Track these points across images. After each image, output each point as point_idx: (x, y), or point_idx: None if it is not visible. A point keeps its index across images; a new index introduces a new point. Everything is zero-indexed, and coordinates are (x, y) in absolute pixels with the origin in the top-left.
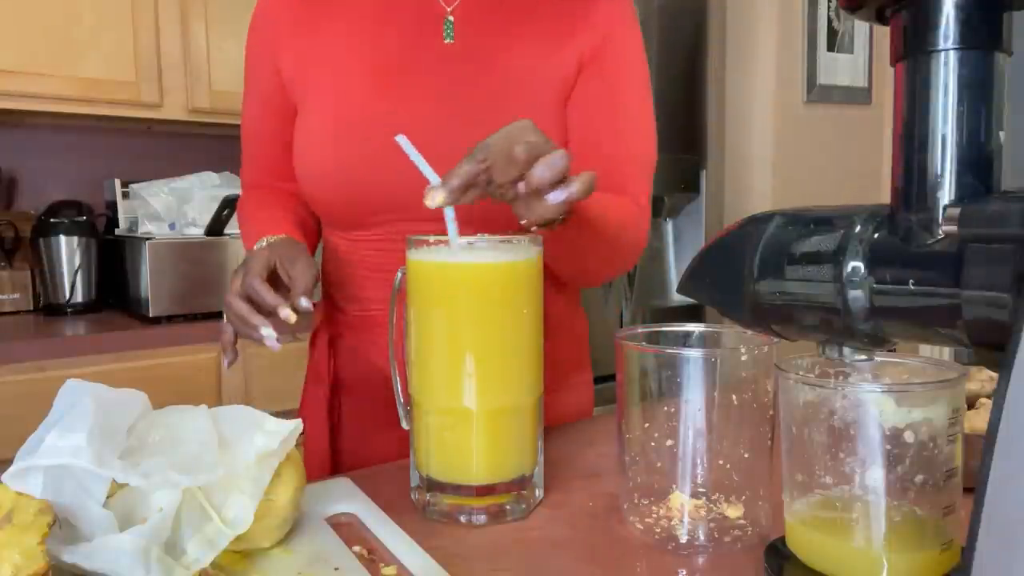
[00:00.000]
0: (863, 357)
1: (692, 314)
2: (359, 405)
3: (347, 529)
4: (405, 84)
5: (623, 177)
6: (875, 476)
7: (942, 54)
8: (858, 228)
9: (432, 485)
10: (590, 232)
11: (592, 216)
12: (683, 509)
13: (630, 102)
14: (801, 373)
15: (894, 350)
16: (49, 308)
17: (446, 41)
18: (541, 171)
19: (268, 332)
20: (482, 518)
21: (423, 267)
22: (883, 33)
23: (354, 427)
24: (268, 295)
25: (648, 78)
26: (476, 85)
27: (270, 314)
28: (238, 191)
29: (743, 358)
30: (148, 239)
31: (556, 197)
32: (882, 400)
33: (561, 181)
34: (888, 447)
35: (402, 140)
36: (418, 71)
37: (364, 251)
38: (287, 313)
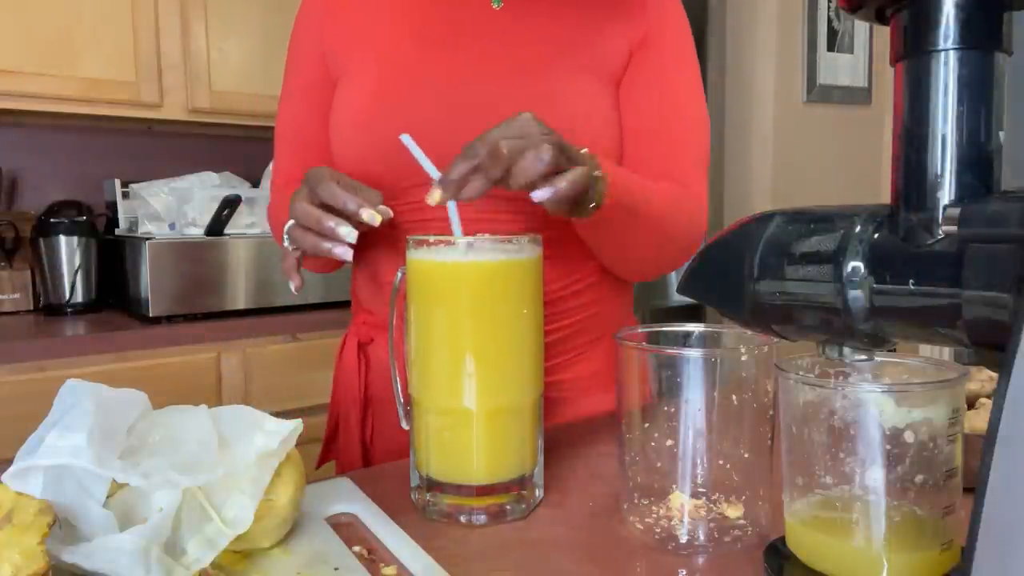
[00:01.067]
0: (863, 357)
1: (692, 314)
2: (393, 420)
3: (347, 529)
4: (452, 46)
5: (674, 164)
6: (875, 476)
7: (942, 54)
8: (858, 228)
9: (432, 485)
10: (632, 219)
11: (633, 202)
12: (683, 509)
13: (680, 90)
14: (801, 373)
15: (894, 350)
16: (49, 308)
17: (494, 6)
18: (522, 168)
19: (348, 230)
20: (482, 518)
21: (423, 266)
22: (883, 33)
23: (387, 442)
24: (348, 197)
25: (698, 69)
26: (522, 50)
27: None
28: (238, 191)
29: (743, 358)
30: (148, 239)
31: (539, 195)
32: (882, 400)
33: (554, 175)
34: (888, 447)
35: (406, 139)
36: (465, 33)
37: (400, 224)
38: (371, 214)
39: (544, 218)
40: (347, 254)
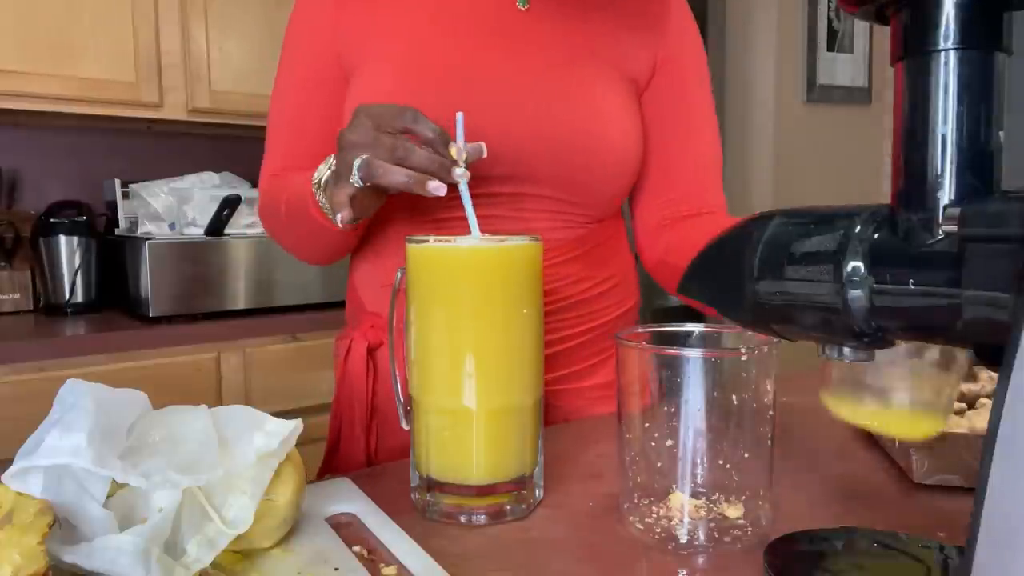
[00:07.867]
0: (863, 357)
1: (692, 314)
2: (397, 430)
3: (347, 529)
4: (478, 40)
5: (704, 185)
6: None
7: (942, 54)
8: (858, 228)
9: (432, 485)
10: None
11: None
12: (683, 509)
13: (705, 112)
14: None
15: None
16: (49, 308)
17: (520, 7)
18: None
19: (462, 171)
20: (482, 518)
21: (422, 259)
22: (883, 33)
23: (390, 452)
24: (446, 150)
25: (710, 86)
26: (549, 49)
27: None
28: (238, 191)
29: (743, 358)
30: (148, 239)
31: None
32: None
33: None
34: None
35: (460, 118)
36: (492, 30)
37: (414, 219)
38: (463, 172)
39: (568, 215)
40: (441, 190)
